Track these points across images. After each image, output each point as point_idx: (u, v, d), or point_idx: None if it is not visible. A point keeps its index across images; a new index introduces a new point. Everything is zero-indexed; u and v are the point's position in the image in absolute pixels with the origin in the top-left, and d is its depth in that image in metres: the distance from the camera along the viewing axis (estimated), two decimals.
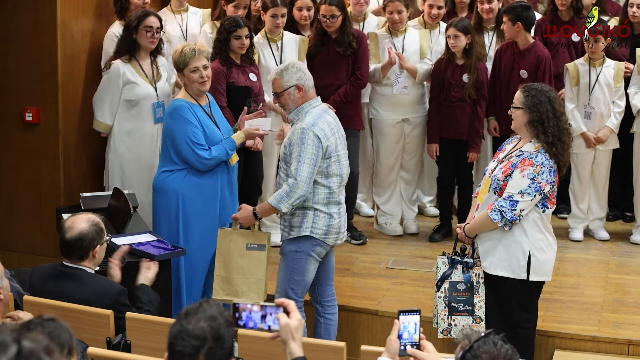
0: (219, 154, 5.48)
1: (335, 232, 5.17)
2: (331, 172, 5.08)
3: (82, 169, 6.65)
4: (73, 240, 4.29)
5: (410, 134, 7.08)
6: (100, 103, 6.32)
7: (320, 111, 5.11)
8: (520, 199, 4.68)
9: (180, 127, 5.44)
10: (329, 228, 5.12)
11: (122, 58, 6.21)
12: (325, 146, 5.00)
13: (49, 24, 6.30)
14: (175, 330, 2.68)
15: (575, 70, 6.82)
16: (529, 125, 4.76)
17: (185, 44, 5.61)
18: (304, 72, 5.12)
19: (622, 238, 7.10)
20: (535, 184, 4.67)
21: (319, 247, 5.14)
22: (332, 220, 5.13)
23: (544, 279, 4.89)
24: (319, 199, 5.08)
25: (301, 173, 4.94)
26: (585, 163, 6.97)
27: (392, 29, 6.92)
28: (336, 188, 5.13)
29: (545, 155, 4.71)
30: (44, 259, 5.70)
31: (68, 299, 4.22)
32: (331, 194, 5.11)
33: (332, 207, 5.13)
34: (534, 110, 4.73)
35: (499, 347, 2.77)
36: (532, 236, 4.79)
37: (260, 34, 6.75)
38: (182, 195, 5.52)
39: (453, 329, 4.98)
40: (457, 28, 6.65)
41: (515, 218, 4.70)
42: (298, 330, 2.94)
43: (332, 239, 5.16)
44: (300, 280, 5.16)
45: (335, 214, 5.15)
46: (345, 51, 6.70)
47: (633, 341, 5.36)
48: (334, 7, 6.61)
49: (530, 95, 4.76)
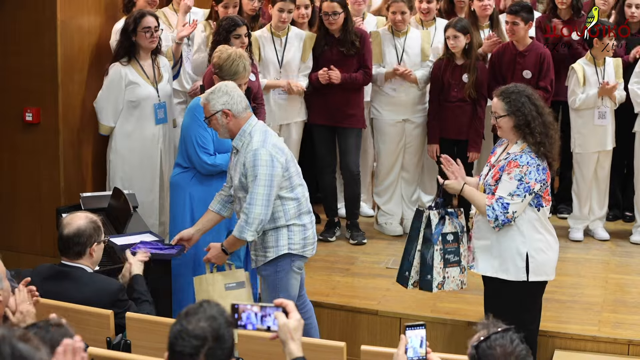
0: (221, 163, 5.46)
1: (312, 243, 4.99)
2: (294, 183, 4.88)
3: (82, 169, 6.65)
4: (70, 236, 4.30)
5: (411, 134, 7.08)
6: (104, 107, 6.31)
7: (262, 127, 4.87)
8: (511, 201, 4.68)
9: (193, 127, 5.46)
10: (305, 241, 4.93)
11: (121, 61, 6.21)
12: (282, 162, 4.78)
13: (49, 24, 6.30)
14: (176, 330, 2.69)
15: (581, 69, 6.80)
16: (515, 129, 4.77)
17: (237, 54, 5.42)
18: (230, 95, 4.79)
19: (622, 238, 7.10)
20: (523, 184, 4.67)
21: (297, 261, 4.97)
22: (307, 231, 4.94)
23: (545, 279, 4.89)
24: (290, 214, 4.87)
25: (255, 197, 4.71)
26: (589, 163, 6.96)
27: (395, 29, 6.92)
28: (303, 198, 4.93)
29: (530, 155, 4.71)
30: (44, 259, 5.69)
31: (68, 298, 4.22)
32: (300, 205, 4.90)
33: (304, 217, 4.93)
34: (519, 114, 4.73)
35: (515, 345, 2.78)
36: (530, 237, 4.78)
37: (266, 28, 6.76)
38: (191, 194, 5.54)
39: (446, 281, 4.98)
40: (457, 28, 6.64)
41: (508, 221, 4.70)
42: (297, 330, 2.94)
43: (310, 250, 4.99)
44: (285, 298, 5.05)
45: (309, 223, 4.96)
46: (349, 50, 6.70)
47: (633, 341, 5.36)
48: (336, 4, 6.61)
49: (510, 100, 4.76)
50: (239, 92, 4.86)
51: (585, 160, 6.98)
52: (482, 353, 2.77)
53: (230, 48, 5.58)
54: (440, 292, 5.13)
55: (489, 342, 2.78)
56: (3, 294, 3.46)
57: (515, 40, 6.76)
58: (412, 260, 5.02)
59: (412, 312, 5.69)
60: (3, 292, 3.46)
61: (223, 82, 5.00)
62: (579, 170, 7.04)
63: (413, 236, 5.05)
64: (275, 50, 6.71)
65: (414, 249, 5.02)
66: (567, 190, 7.26)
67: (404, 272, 5.08)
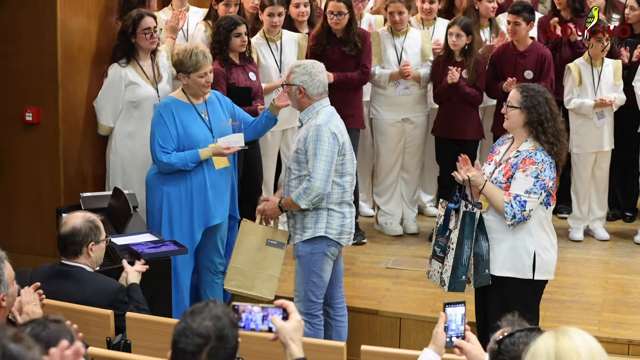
0: (175, 162, 5.45)
1: (348, 232, 5.15)
2: (345, 170, 5.07)
3: (82, 169, 6.65)
4: (66, 235, 4.33)
5: (411, 134, 7.08)
6: (103, 107, 6.32)
7: (331, 110, 5.10)
8: (528, 199, 4.65)
9: (157, 125, 5.52)
10: (342, 228, 5.09)
11: (120, 62, 6.22)
12: (342, 143, 5.00)
13: (49, 24, 6.30)
14: (180, 327, 2.69)
15: (577, 69, 6.82)
16: (527, 126, 4.74)
17: (193, 46, 5.56)
18: (311, 75, 5.05)
19: (622, 238, 7.11)
20: (539, 181, 4.66)
21: (333, 247, 5.11)
22: (345, 219, 5.10)
23: (548, 278, 4.88)
24: (332, 198, 5.04)
25: (317, 170, 4.92)
26: (586, 163, 6.97)
27: (394, 29, 6.92)
28: (349, 187, 5.11)
29: (543, 152, 4.70)
30: (44, 259, 5.69)
31: (68, 298, 4.22)
32: (344, 192, 5.08)
33: (344, 206, 5.10)
34: (533, 111, 4.72)
35: None
36: (537, 235, 4.76)
37: (259, 34, 6.75)
38: (167, 192, 5.55)
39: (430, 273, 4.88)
40: (460, 26, 6.64)
41: (524, 219, 4.68)
42: (297, 332, 2.93)
43: (346, 239, 5.15)
44: (318, 282, 5.15)
45: (348, 213, 5.13)
46: (351, 51, 6.69)
47: (633, 341, 5.36)
48: (342, 4, 6.60)
49: (529, 96, 4.74)
50: (322, 77, 5.09)
51: (582, 160, 6.99)
52: (504, 349, 2.78)
53: (183, 44, 5.71)
54: (441, 293, 5.12)
55: (512, 339, 2.79)
56: (7, 299, 3.46)
57: (516, 41, 6.76)
58: (466, 264, 4.76)
59: (412, 312, 5.69)
60: (8, 297, 3.46)
61: (311, 61, 5.28)
62: (576, 171, 7.05)
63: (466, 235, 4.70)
64: (272, 55, 6.72)
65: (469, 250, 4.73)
66: (567, 190, 7.26)
67: (460, 277, 4.78)
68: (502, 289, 4.84)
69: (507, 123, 4.85)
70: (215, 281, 5.81)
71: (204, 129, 5.53)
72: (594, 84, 6.78)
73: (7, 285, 3.47)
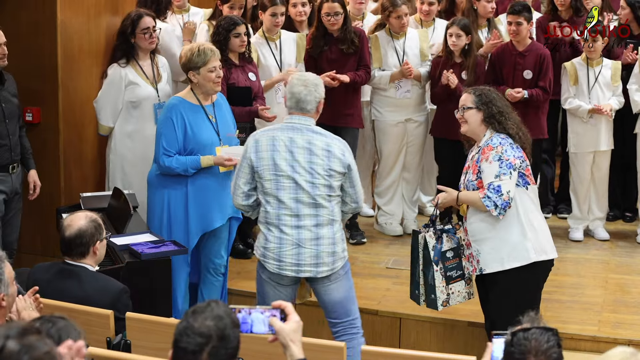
0: (176, 167, 5.44)
1: (274, 259, 4.71)
2: (266, 190, 4.69)
3: (82, 169, 6.64)
4: (72, 238, 4.32)
5: (413, 133, 7.09)
6: (103, 107, 6.31)
7: (278, 126, 4.80)
8: (501, 182, 4.67)
9: (163, 127, 5.49)
10: (265, 250, 4.74)
11: (119, 62, 6.22)
12: (251, 158, 4.68)
13: (49, 24, 6.30)
14: (182, 327, 2.70)
15: (573, 69, 6.84)
16: (485, 122, 4.82)
17: (198, 44, 5.56)
18: (291, 85, 4.74)
19: (622, 238, 7.11)
20: (504, 162, 4.69)
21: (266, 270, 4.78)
22: (268, 242, 4.72)
23: (546, 258, 4.83)
24: (259, 214, 4.78)
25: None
26: (584, 163, 6.97)
27: (400, 32, 6.91)
28: (271, 209, 4.68)
29: (499, 136, 4.77)
30: (44, 259, 5.68)
31: (69, 297, 4.23)
32: (267, 213, 4.71)
33: (271, 228, 4.71)
34: (491, 105, 4.81)
35: (550, 345, 2.79)
36: (526, 219, 4.78)
37: (258, 34, 6.75)
38: (167, 194, 5.55)
39: (451, 297, 4.96)
40: (460, 27, 6.65)
41: (507, 203, 4.69)
42: (297, 332, 2.94)
43: (271, 265, 4.73)
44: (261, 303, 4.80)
45: (272, 237, 4.70)
46: (348, 49, 6.71)
47: (633, 341, 5.35)
48: (337, 4, 6.62)
49: (482, 94, 4.84)
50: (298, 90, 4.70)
51: (580, 160, 6.99)
52: (516, 341, 2.79)
53: (187, 45, 5.74)
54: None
55: (527, 333, 2.80)
56: (7, 299, 3.46)
57: (516, 41, 6.76)
58: (418, 280, 5.02)
59: (412, 312, 5.69)
60: (8, 297, 3.46)
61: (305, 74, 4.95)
62: (575, 170, 7.06)
63: (414, 257, 5.03)
64: (273, 54, 6.72)
65: (418, 269, 5.01)
66: (567, 191, 7.26)
67: (414, 291, 5.08)
68: (500, 283, 4.81)
69: (465, 127, 4.91)
70: (214, 283, 5.80)
71: (211, 131, 5.51)
72: (588, 84, 6.78)
73: (7, 285, 3.47)
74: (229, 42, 6.24)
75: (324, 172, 4.68)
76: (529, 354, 2.75)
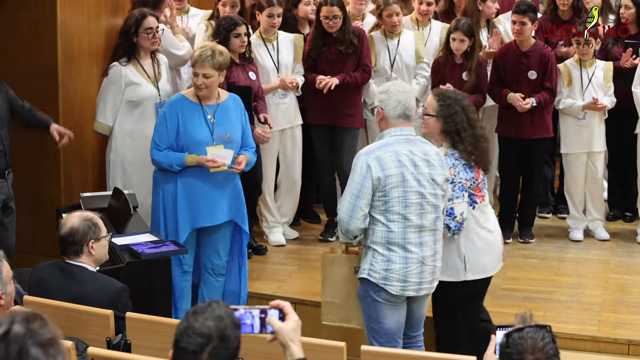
0: (162, 161, 5.49)
1: (399, 280, 4.51)
2: (390, 208, 4.47)
3: (82, 169, 6.64)
4: (65, 236, 4.36)
5: None
6: (102, 104, 6.32)
7: (392, 140, 4.54)
8: (453, 205, 4.72)
9: (157, 121, 5.62)
10: (387, 273, 4.50)
11: (120, 61, 6.22)
12: (377, 177, 4.43)
13: (49, 24, 6.30)
14: (182, 327, 2.70)
15: (566, 70, 6.84)
16: (444, 134, 4.81)
17: (213, 47, 5.54)
18: (389, 95, 4.56)
19: (622, 238, 7.11)
20: (456, 185, 4.72)
21: (382, 292, 4.56)
22: (392, 264, 4.50)
23: (483, 276, 4.94)
24: (376, 237, 4.51)
25: (344, 202, 4.51)
26: (578, 164, 6.97)
27: (393, 32, 6.91)
28: (396, 229, 4.47)
29: (453, 156, 4.77)
30: (44, 259, 5.67)
31: (68, 296, 4.23)
32: (390, 233, 4.48)
33: (394, 248, 4.50)
34: (450, 120, 4.77)
35: (545, 342, 2.79)
36: (468, 237, 4.84)
37: (255, 35, 6.75)
38: (162, 190, 5.58)
39: None
40: (464, 31, 6.58)
41: (460, 225, 4.76)
42: (296, 332, 2.93)
43: (396, 287, 4.52)
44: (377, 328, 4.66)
45: (397, 257, 4.49)
46: (347, 49, 6.70)
47: (633, 341, 5.36)
48: (336, 8, 6.61)
49: (445, 105, 4.79)
50: (403, 97, 4.55)
51: (572, 160, 6.99)
52: (512, 342, 2.80)
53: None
54: None
55: (521, 333, 2.80)
56: (6, 298, 3.46)
57: (520, 41, 6.75)
58: None
59: None
60: (6, 296, 3.46)
61: (395, 82, 4.93)
62: (568, 171, 7.07)
63: None
64: (270, 55, 6.72)
65: None
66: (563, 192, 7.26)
67: None
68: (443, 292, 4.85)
69: (425, 130, 4.92)
70: (214, 283, 5.79)
71: (205, 130, 5.49)
72: (582, 85, 6.79)
73: (6, 284, 3.48)
74: (230, 42, 6.24)
75: (442, 182, 4.58)
76: (526, 353, 2.75)
